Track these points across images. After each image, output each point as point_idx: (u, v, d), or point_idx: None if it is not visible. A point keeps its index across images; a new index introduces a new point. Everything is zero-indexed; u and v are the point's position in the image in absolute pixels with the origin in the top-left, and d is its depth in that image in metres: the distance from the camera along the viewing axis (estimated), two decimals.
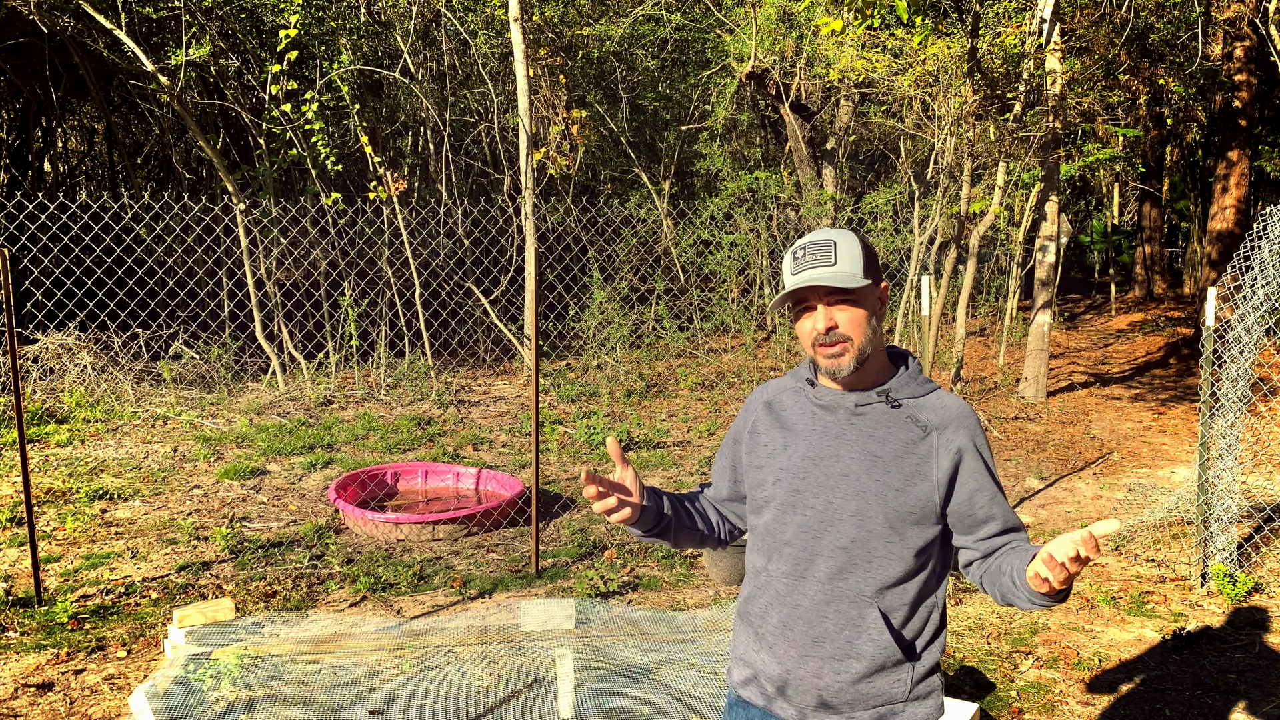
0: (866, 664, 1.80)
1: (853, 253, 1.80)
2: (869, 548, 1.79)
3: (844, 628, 1.80)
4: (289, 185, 12.21)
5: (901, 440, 1.81)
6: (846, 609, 1.80)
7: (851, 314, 1.80)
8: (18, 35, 10.11)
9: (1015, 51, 9.04)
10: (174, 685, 3.69)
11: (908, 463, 1.80)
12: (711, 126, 14.00)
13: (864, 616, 1.79)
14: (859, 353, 1.80)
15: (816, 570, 1.82)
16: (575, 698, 3.73)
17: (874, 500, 1.79)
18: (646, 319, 11.90)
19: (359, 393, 9.21)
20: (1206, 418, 4.91)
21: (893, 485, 1.79)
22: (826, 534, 1.81)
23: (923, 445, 1.80)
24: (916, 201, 10.12)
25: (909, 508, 1.79)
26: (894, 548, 1.80)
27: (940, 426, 1.82)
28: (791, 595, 1.84)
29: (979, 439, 1.83)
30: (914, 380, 1.88)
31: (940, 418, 1.83)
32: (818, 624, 1.81)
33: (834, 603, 1.80)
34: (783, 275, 1.86)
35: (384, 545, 5.50)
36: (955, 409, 1.84)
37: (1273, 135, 18.31)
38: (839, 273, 1.77)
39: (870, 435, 1.82)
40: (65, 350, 8.58)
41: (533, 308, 8.57)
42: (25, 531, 5.41)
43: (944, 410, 1.84)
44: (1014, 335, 12.34)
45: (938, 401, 1.86)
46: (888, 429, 1.82)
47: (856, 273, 1.79)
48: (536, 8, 11.89)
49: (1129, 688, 4.04)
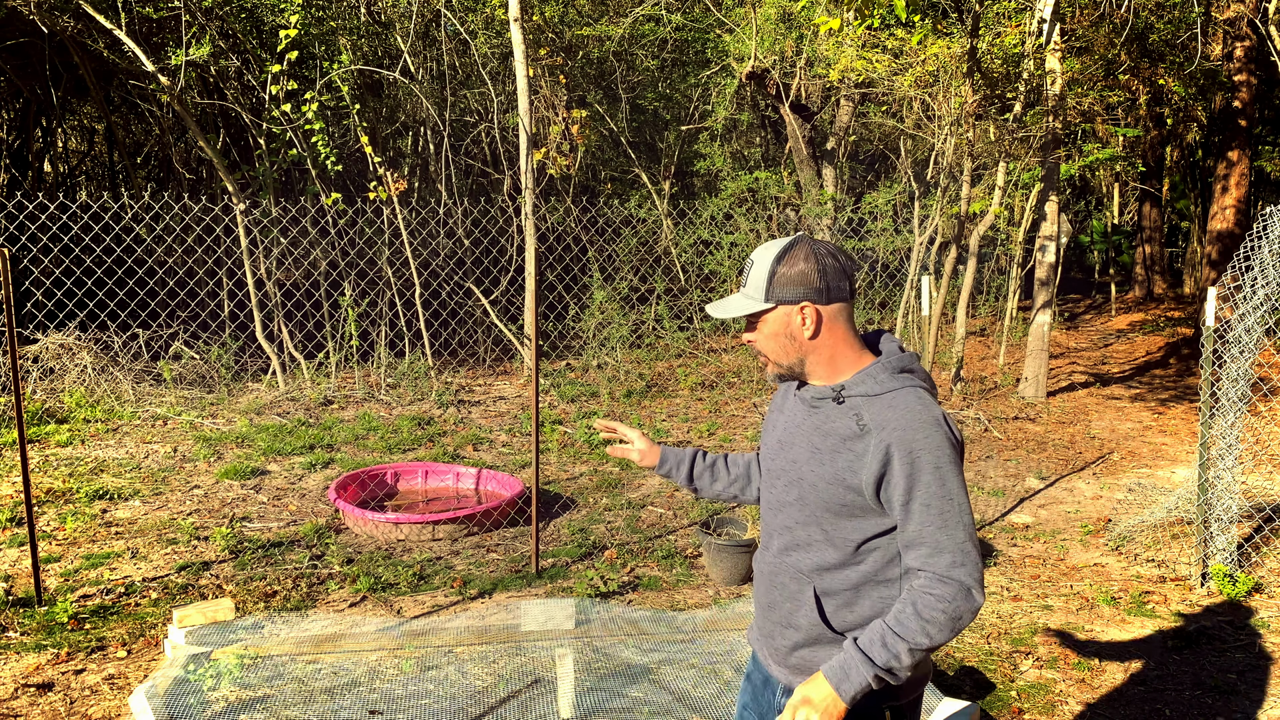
0: (803, 635, 1.92)
1: (759, 277, 1.87)
2: (807, 531, 1.91)
3: (787, 599, 1.95)
4: (289, 185, 12.21)
5: (840, 435, 1.85)
6: (788, 583, 1.94)
7: (758, 335, 1.91)
8: (18, 35, 10.11)
9: (1015, 51, 9.04)
10: (174, 685, 3.69)
11: (841, 458, 1.84)
12: (711, 126, 14.00)
13: (802, 592, 1.92)
14: (778, 365, 1.93)
15: (772, 543, 1.99)
16: (575, 698, 3.74)
17: (809, 490, 1.89)
18: (646, 319, 11.90)
19: (359, 393, 9.21)
20: (1206, 418, 4.91)
21: (824, 478, 1.86)
22: (780, 513, 1.96)
23: (859, 443, 1.82)
24: (916, 201, 10.12)
25: (840, 500, 1.84)
26: (829, 535, 1.88)
27: (880, 427, 1.80)
28: (760, 561, 2.04)
29: (917, 444, 1.77)
30: (875, 377, 1.86)
31: (884, 418, 1.81)
32: (770, 591, 1.99)
33: (780, 575, 1.96)
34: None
35: (384, 545, 5.50)
36: (903, 411, 1.80)
37: (1273, 135, 18.30)
38: (733, 302, 1.91)
39: (817, 428, 1.89)
40: (65, 350, 8.58)
41: (533, 308, 8.57)
42: (25, 531, 5.41)
43: (889, 411, 1.81)
44: (1014, 335, 12.34)
45: (890, 401, 1.83)
46: (833, 423, 1.87)
47: (756, 298, 1.88)
48: (536, 8, 11.89)
49: (1129, 688, 4.04)
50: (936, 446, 1.78)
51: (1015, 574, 5.31)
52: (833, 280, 1.86)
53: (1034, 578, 5.26)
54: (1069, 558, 5.59)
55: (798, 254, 1.86)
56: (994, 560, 5.51)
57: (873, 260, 13.35)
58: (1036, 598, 4.98)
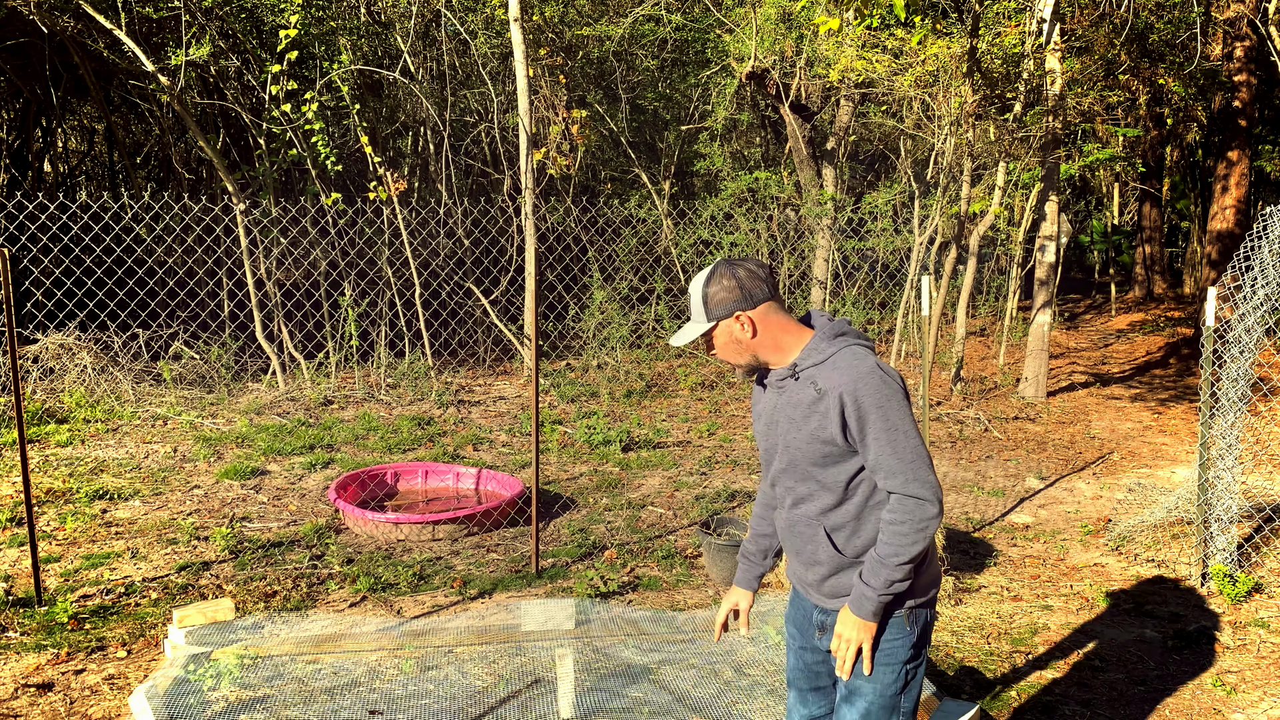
0: (826, 568, 2.34)
1: (697, 304, 2.30)
2: (806, 486, 2.32)
3: (806, 542, 2.37)
4: (289, 185, 12.21)
5: (806, 403, 2.25)
6: (804, 529, 2.36)
7: (716, 349, 2.33)
8: (18, 35, 10.11)
9: (1015, 51, 9.04)
10: (174, 685, 3.69)
11: (813, 420, 2.23)
12: (711, 126, 13.99)
13: (816, 534, 2.34)
14: (739, 366, 2.34)
15: (785, 502, 2.40)
16: (575, 698, 3.74)
17: (796, 452, 2.29)
18: (646, 319, 11.90)
19: (359, 393, 9.21)
20: (1206, 418, 4.91)
21: (803, 439, 2.26)
22: (782, 478, 2.37)
23: (821, 404, 2.22)
24: (916, 201, 10.12)
25: (822, 453, 2.24)
26: (822, 484, 2.29)
27: (831, 386, 2.20)
28: (781, 519, 2.45)
29: (861, 388, 2.17)
30: (816, 348, 2.26)
31: (831, 378, 2.20)
32: (792, 539, 2.41)
33: (796, 525, 2.38)
34: None
35: (384, 545, 5.50)
36: (844, 368, 2.20)
37: (1273, 135, 18.30)
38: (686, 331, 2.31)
39: (787, 403, 2.30)
40: (65, 350, 8.58)
41: (533, 308, 8.57)
42: (25, 531, 5.41)
43: (834, 372, 2.21)
44: (1014, 335, 12.34)
45: (832, 364, 2.22)
46: (798, 395, 2.27)
47: (701, 321, 2.30)
48: (536, 8, 11.89)
49: (1129, 688, 4.04)
50: (875, 389, 2.17)
51: (1015, 574, 5.31)
52: (751, 287, 2.27)
53: (1034, 578, 5.26)
54: (1069, 558, 5.59)
55: (719, 277, 2.27)
56: (994, 560, 5.51)
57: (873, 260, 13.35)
58: (1036, 598, 4.98)
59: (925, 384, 5.87)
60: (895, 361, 9.19)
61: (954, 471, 7.38)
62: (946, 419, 8.99)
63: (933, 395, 10.02)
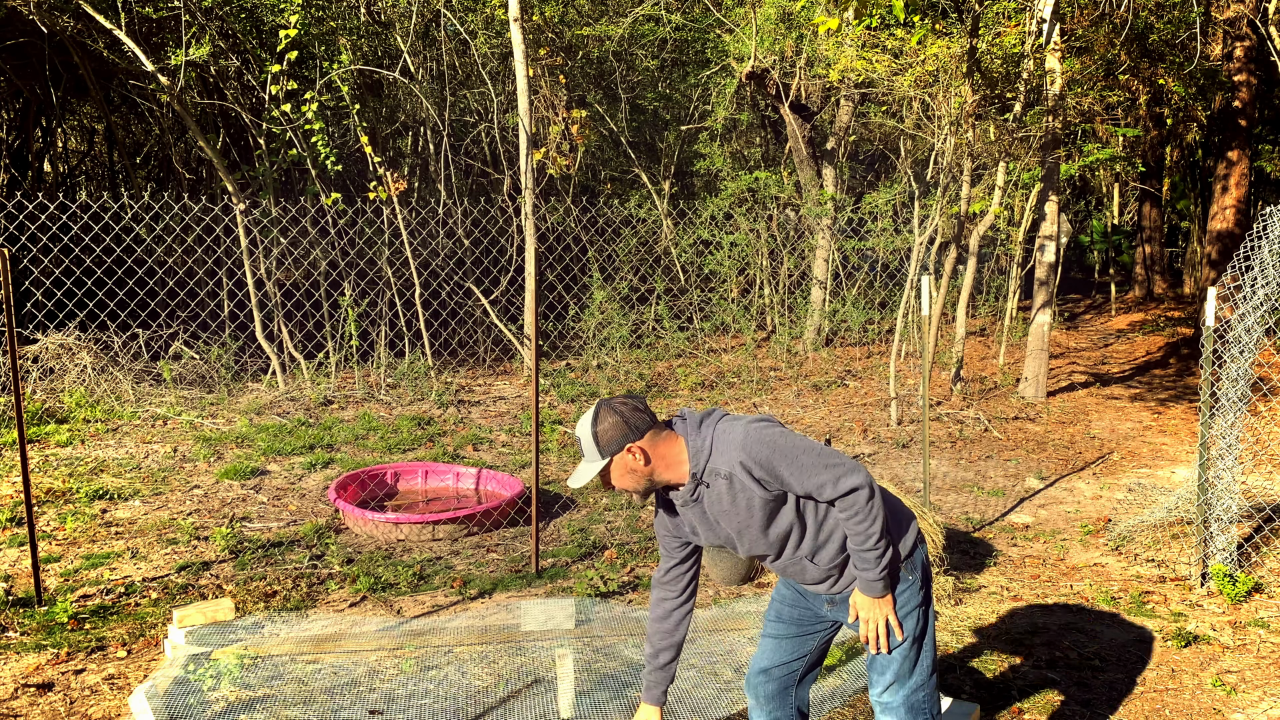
0: (830, 582, 2.65)
1: (590, 445, 2.49)
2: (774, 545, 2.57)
3: (801, 573, 2.66)
4: (289, 185, 12.20)
5: (725, 495, 2.47)
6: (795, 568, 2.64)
7: (615, 481, 2.51)
8: (18, 35, 10.11)
9: (1015, 51, 9.04)
10: (174, 685, 3.69)
11: (740, 500, 2.46)
12: (711, 126, 13.99)
13: (805, 568, 2.63)
14: (639, 493, 2.54)
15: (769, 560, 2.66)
16: (575, 698, 3.74)
17: (752, 534, 2.52)
18: (646, 319, 11.90)
19: (359, 393, 9.21)
20: (1206, 418, 4.91)
21: (744, 520, 2.49)
22: (752, 550, 2.61)
23: (734, 485, 2.44)
24: (916, 201, 10.12)
25: (765, 518, 2.48)
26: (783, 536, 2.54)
27: (731, 467, 2.42)
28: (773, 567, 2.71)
29: (753, 451, 2.40)
30: (698, 451, 2.48)
31: (726, 461, 2.43)
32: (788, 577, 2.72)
33: (788, 570, 2.66)
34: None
35: (384, 545, 5.50)
36: (727, 445, 2.43)
37: (1273, 135, 18.31)
38: (582, 471, 2.52)
39: (711, 504, 2.52)
40: (65, 350, 8.58)
41: (533, 308, 8.57)
42: (25, 531, 5.41)
43: (723, 453, 2.44)
44: (1014, 335, 12.34)
45: (717, 449, 2.45)
46: (714, 493, 2.49)
47: (595, 460, 2.49)
48: (536, 8, 11.89)
49: (1129, 688, 4.04)
50: (757, 441, 2.42)
51: (1015, 574, 5.31)
52: (634, 420, 2.46)
53: (1034, 578, 5.26)
54: (1069, 558, 5.59)
55: (604, 416, 2.47)
56: (994, 560, 5.51)
57: (873, 260, 13.36)
58: (1036, 598, 4.98)
59: (925, 384, 5.87)
60: (895, 361, 9.18)
61: (954, 471, 7.38)
62: (946, 419, 8.99)
63: (933, 395, 10.03)
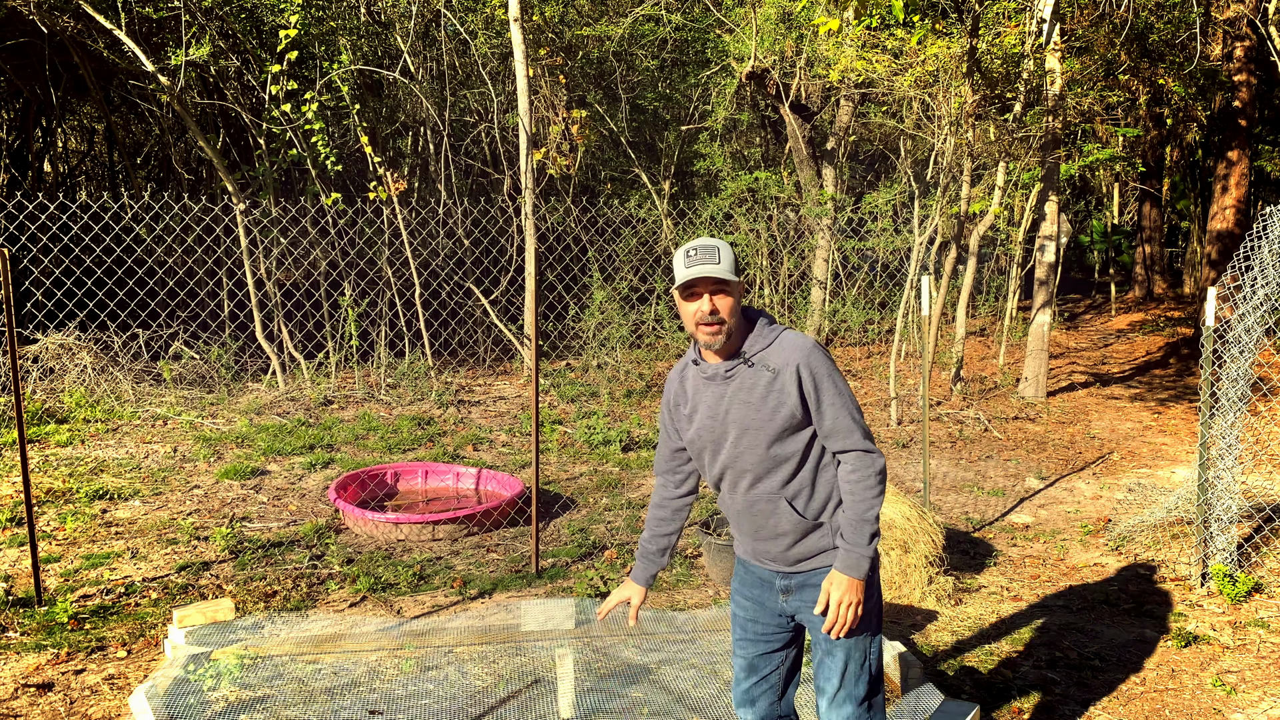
0: (791, 536, 2.54)
1: (729, 257, 2.46)
2: (764, 465, 2.50)
3: (768, 517, 2.54)
4: (289, 185, 12.20)
5: (762, 385, 2.45)
6: (764, 506, 2.54)
7: (728, 301, 2.45)
8: (18, 35, 10.11)
9: (1015, 51, 9.04)
10: (174, 685, 3.69)
11: (771, 399, 2.44)
12: (711, 126, 13.99)
13: (777, 507, 2.52)
14: (728, 332, 2.46)
15: (740, 486, 2.56)
16: (575, 698, 3.74)
17: (755, 433, 2.47)
18: (646, 319, 11.90)
19: (359, 393, 9.21)
20: (1206, 418, 4.91)
21: (764, 418, 2.45)
22: (736, 463, 2.53)
23: (777, 382, 2.44)
24: (916, 201, 10.12)
25: (780, 428, 2.45)
26: (780, 458, 2.48)
27: (785, 364, 2.44)
28: (733, 504, 2.61)
29: (813, 359, 2.44)
30: (760, 336, 2.50)
31: (783, 358, 2.45)
32: (751, 519, 2.58)
33: (756, 504, 2.55)
34: (675, 268, 2.50)
35: (384, 545, 5.50)
36: (791, 346, 2.46)
37: (1273, 135, 18.30)
38: (722, 269, 2.42)
39: (741, 388, 2.48)
40: (65, 350, 8.57)
41: (533, 308, 8.57)
42: (25, 531, 5.41)
43: (784, 350, 2.46)
44: (1014, 335, 12.34)
45: (780, 344, 2.47)
46: (752, 380, 2.47)
47: (731, 271, 2.45)
48: (536, 8, 11.89)
49: (1129, 688, 4.04)
50: (822, 361, 2.46)
51: (1015, 574, 5.31)
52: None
53: (1034, 578, 5.26)
54: (1069, 558, 5.59)
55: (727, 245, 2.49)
56: (994, 560, 5.51)
57: (873, 260, 13.35)
58: (1036, 598, 4.98)
59: (925, 384, 5.87)
60: (895, 361, 9.19)
61: (954, 471, 7.38)
62: (946, 419, 8.99)
63: (933, 395, 10.02)
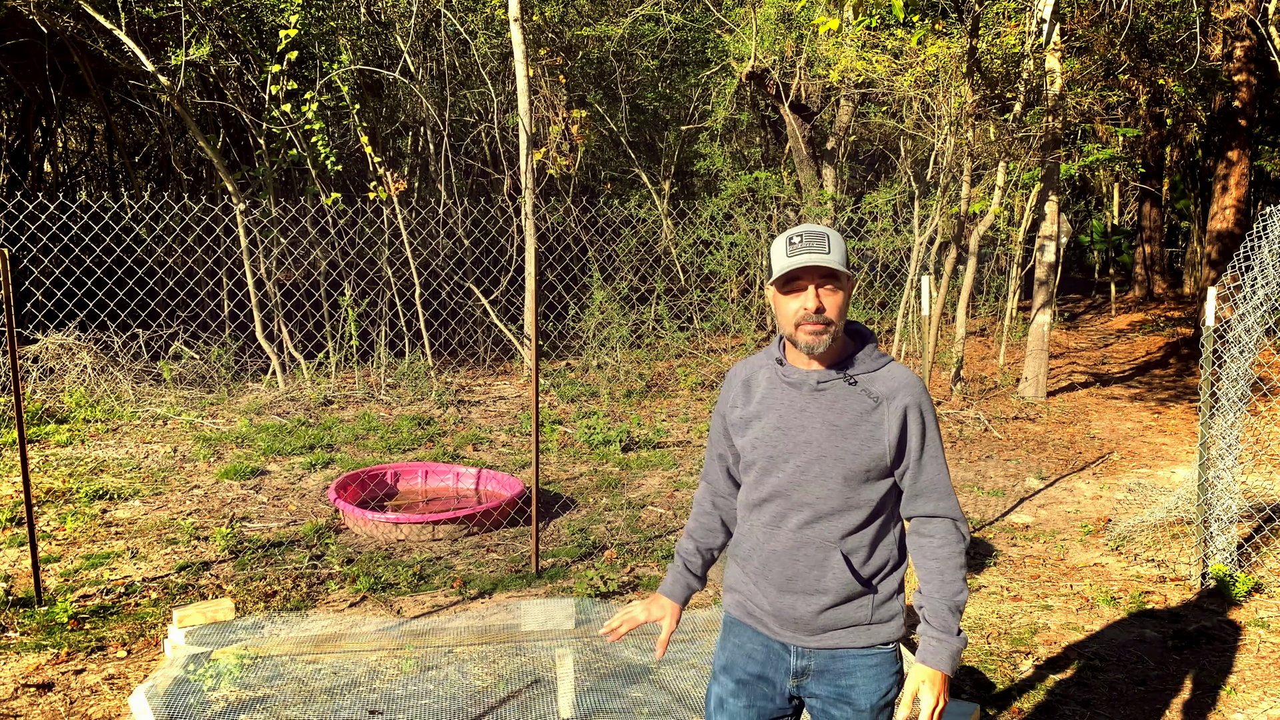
0: (832, 597, 2.09)
1: (840, 247, 2.07)
2: (831, 503, 2.08)
3: (812, 568, 2.10)
4: (289, 185, 12.20)
5: (857, 410, 2.08)
6: (813, 553, 2.10)
7: (836, 299, 2.06)
8: (18, 35, 10.11)
9: (1015, 51, 9.04)
10: (174, 685, 3.69)
11: (862, 429, 2.07)
12: (711, 126, 14.00)
13: (829, 558, 2.09)
14: (834, 334, 2.06)
15: (789, 522, 2.12)
16: (575, 698, 3.74)
17: (833, 463, 2.06)
18: (646, 319, 11.90)
19: (359, 393, 9.21)
20: (1206, 417, 4.91)
21: (850, 450, 2.06)
22: (795, 492, 2.10)
23: (875, 414, 2.07)
24: (916, 201, 10.12)
25: (864, 467, 2.07)
26: (852, 501, 2.08)
27: (890, 396, 2.08)
28: (769, 542, 2.15)
29: (924, 403, 2.10)
30: (870, 357, 2.12)
31: (889, 388, 2.09)
32: (788, 565, 2.12)
33: (803, 548, 2.10)
34: (774, 258, 2.09)
35: (384, 545, 5.50)
36: (902, 379, 2.10)
37: (1273, 135, 18.30)
38: (833, 259, 2.03)
39: (830, 407, 2.09)
40: (65, 350, 8.57)
41: (533, 308, 8.57)
42: (25, 531, 5.41)
43: (893, 381, 2.10)
44: (1014, 335, 12.34)
45: (889, 374, 2.11)
46: (845, 401, 2.09)
47: (843, 262, 2.06)
48: (536, 8, 11.89)
49: (1129, 688, 4.04)
50: (931, 408, 2.12)
51: (1015, 574, 5.31)
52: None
53: (1034, 578, 5.26)
54: (1069, 558, 5.59)
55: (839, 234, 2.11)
56: (994, 560, 5.51)
57: (873, 260, 13.35)
58: (1036, 598, 4.98)
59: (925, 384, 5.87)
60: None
61: (954, 471, 7.38)
62: (946, 419, 8.99)
63: (933, 395, 10.02)
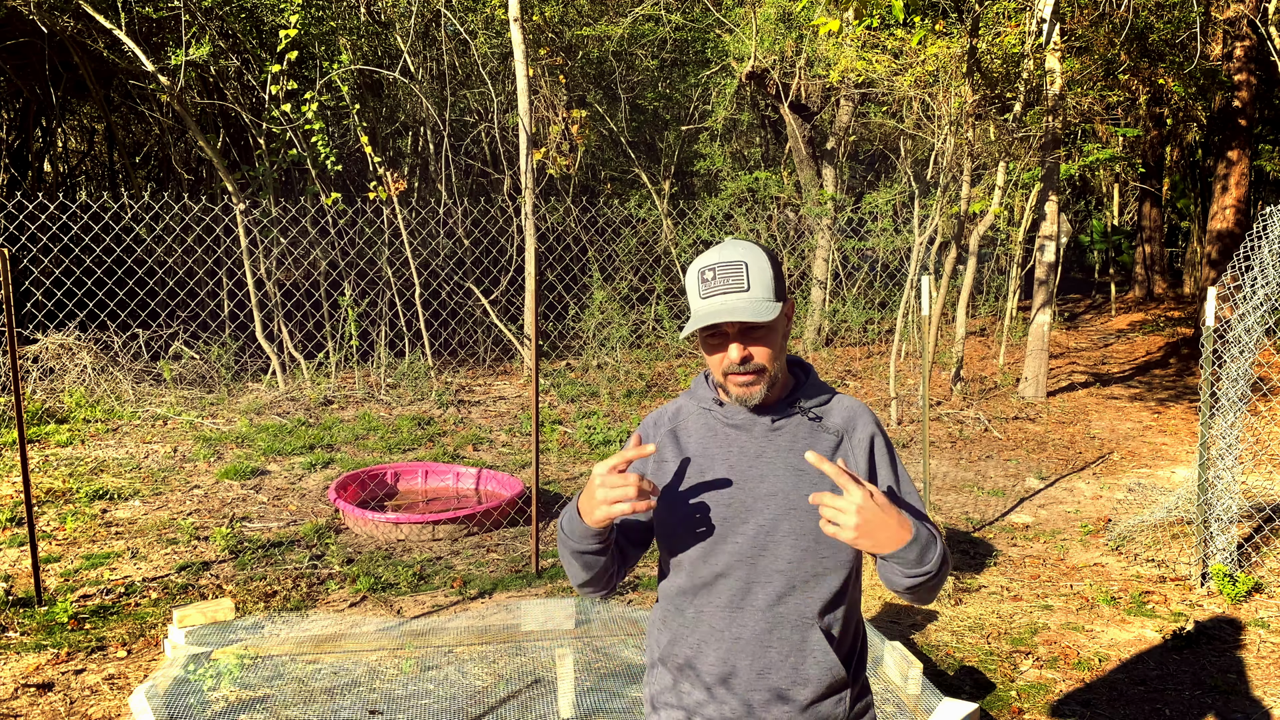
0: (814, 689, 1.72)
1: (763, 275, 1.69)
2: (806, 566, 1.71)
3: (789, 655, 1.72)
4: (289, 185, 12.20)
5: (821, 449, 1.75)
6: (789, 634, 1.71)
7: (766, 344, 1.70)
8: (18, 35, 10.11)
9: (1015, 51, 9.04)
10: (174, 685, 3.69)
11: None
12: (711, 126, 14.00)
13: (807, 640, 1.72)
14: (771, 381, 1.73)
15: (755, 599, 1.72)
16: (575, 698, 3.74)
17: (805, 515, 1.70)
18: (646, 319, 11.90)
19: (359, 393, 9.21)
20: (1206, 417, 4.91)
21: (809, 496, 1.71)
22: (762, 558, 1.71)
23: (839, 450, 1.77)
24: (916, 201, 10.12)
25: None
26: (828, 563, 1.72)
27: (849, 429, 1.78)
28: (730, 630, 1.73)
29: (880, 429, 1.81)
30: (815, 386, 1.82)
31: (845, 419, 1.79)
32: (762, 655, 1.72)
33: (777, 630, 1.71)
34: (689, 293, 1.73)
35: (384, 545, 5.50)
36: (854, 407, 1.81)
37: (1273, 135, 18.31)
38: (752, 301, 1.66)
39: (790, 449, 1.75)
40: (65, 350, 8.57)
41: (533, 308, 8.57)
42: (25, 531, 5.41)
43: (846, 411, 1.80)
44: (1014, 335, 12.34)
45: (839, 404, 1.82)
46: (806, 440, 1.75)
47: (769, 299, 1.69)
48: (536, 8, 11.89)
49: (1129, 688, 4.04)
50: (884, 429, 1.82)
51: (1015, 574, 5.31)
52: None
53: (1034, 578, 5.26)
54: (1069, 558, 5.59)
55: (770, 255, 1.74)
56: (994, 560, 5.51)
57: (873, 260, 13.35)
58: (1036, 598, 4.98)
59: (925, 384, 5.87)
60: (895, 361, 9.19)
61: (954, 471, 7.38)
62: (946, 419, 8.99)
63: (933, 395, 10.02)
